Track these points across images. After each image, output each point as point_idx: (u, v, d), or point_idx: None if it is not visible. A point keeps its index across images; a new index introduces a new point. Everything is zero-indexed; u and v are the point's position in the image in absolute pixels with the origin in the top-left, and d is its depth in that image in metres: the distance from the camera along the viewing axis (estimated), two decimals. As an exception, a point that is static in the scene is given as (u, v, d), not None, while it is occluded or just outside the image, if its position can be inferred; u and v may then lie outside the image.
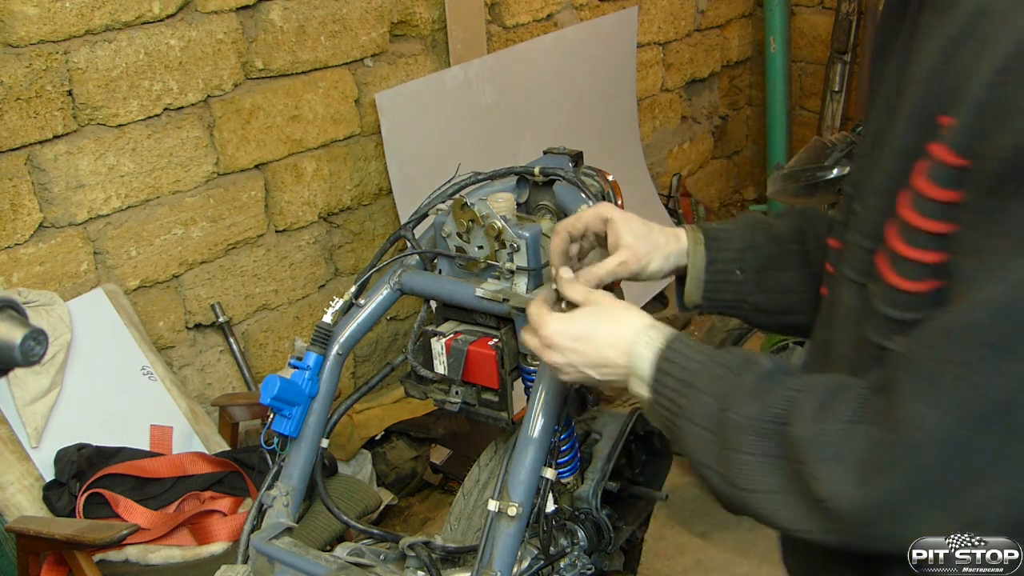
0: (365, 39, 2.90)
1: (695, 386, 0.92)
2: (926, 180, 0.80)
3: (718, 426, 0.88)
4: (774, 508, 0.84)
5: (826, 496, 0.79)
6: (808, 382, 0.86)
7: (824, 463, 0.79)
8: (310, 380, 1.50)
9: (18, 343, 0.80)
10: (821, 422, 0.80)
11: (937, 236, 0.80)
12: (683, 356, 0.95)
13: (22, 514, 2.06)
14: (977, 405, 0.73)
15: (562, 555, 1.53)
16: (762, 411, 0.85)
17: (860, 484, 0.77)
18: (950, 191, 0.78)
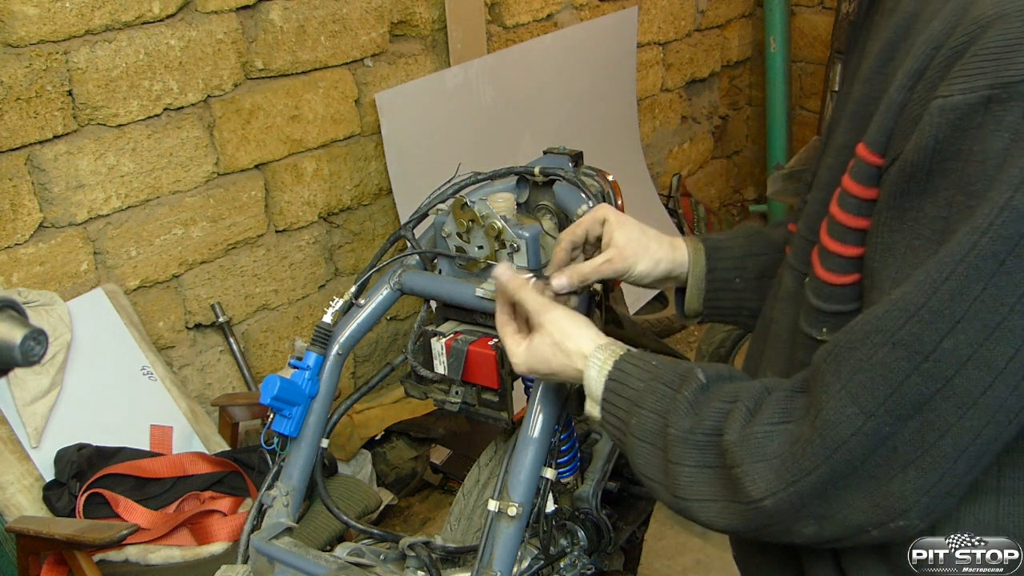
0: (365, 39, 2.90)
1: (640, 405, 0.95)
2: (849, 177, 0.84)
3: (662, 441, 0.91)
4: (714, 515, 0.88)
5: (755, 496, 0.82)
6: (738, 391, 0.89)
7: (751, 465, 0.82)
8: (310, 380, 1.50)
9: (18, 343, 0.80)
10: (749, 427, 0.84)
11: (859, 231, 0.83)
12: (629, 376, 0.98)
13: (22, 514, 2.06)
14: (896, 403, 0.75)
15: (562, 555, 1.53)
16: (696, 424, 0.88)
17: (785, 482, 0.80)
18: (869, 188, 0.82)
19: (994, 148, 0.71)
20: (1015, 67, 0.70)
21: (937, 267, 0.73)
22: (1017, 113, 0.70)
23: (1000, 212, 0.70)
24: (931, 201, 0.76)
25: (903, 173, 0.77)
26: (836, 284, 0.87)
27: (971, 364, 0.73)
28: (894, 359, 0.75)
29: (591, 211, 1.24)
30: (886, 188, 0.79)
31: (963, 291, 0.72)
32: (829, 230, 0.87)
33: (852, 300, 0.86)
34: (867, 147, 0.82)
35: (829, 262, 0.87)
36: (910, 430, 0.76)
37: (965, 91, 0.72)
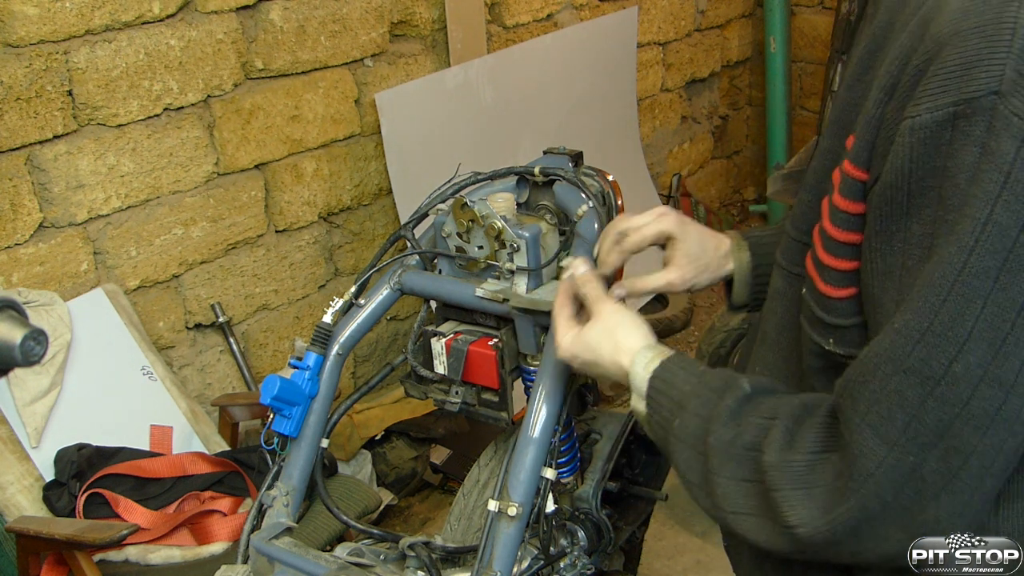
0: (365, 39, 2.90)
1: (685, 407, 0.96)
2: (838, 194, 0.85)
3: (703, 448, 0.92)
4: (750, 528, 0.88)
5: (793, 524, 0.82)
6: (778, 407, 0.89)
7: (791, 492, 0.82)
8: (310, 380, 1.50)
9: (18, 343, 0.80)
10: (789, 452, 0.84)
11: (852, 245, 0.85)
12: (675, 377, 0.99)
13: (22, 514, 2.06)
14: (918, 433, 0.75)
15: (562, 555, 1.53)
16: (737, 437, 0.89)
17: (823, 513, 0.80)
18: (857, 203, 0.83)
19: (966, 163, 0.72)
20: (975, 83, 0.72)
21: (933, 289, 0.74)
22: (983, 127, 0.71)
23: (983, 228, 0.71)
24: (916, 220, 0.77)
25: (885, 195, 0.79)
26: (837, 298, 0.88)
27: (984, 383, 0.73)
28: (907, 387, 0.75)
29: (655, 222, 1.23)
30: (872, 210, 0.81)
31: (963, 311, 0.73)
32: (824, 246, 0.88)
33: (854, 314, 0.87)
34: (851, 163, 0.83)
35: (827, 276, 0.88)
36: (935, 458, 0.76)
37: (931, 109, 0.74)
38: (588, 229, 1.45)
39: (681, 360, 1.01)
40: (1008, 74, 0.71)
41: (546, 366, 1.38)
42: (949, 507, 0.77)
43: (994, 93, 0.71)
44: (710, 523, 2.84)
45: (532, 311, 1.40)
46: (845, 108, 0.91)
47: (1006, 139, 0.71)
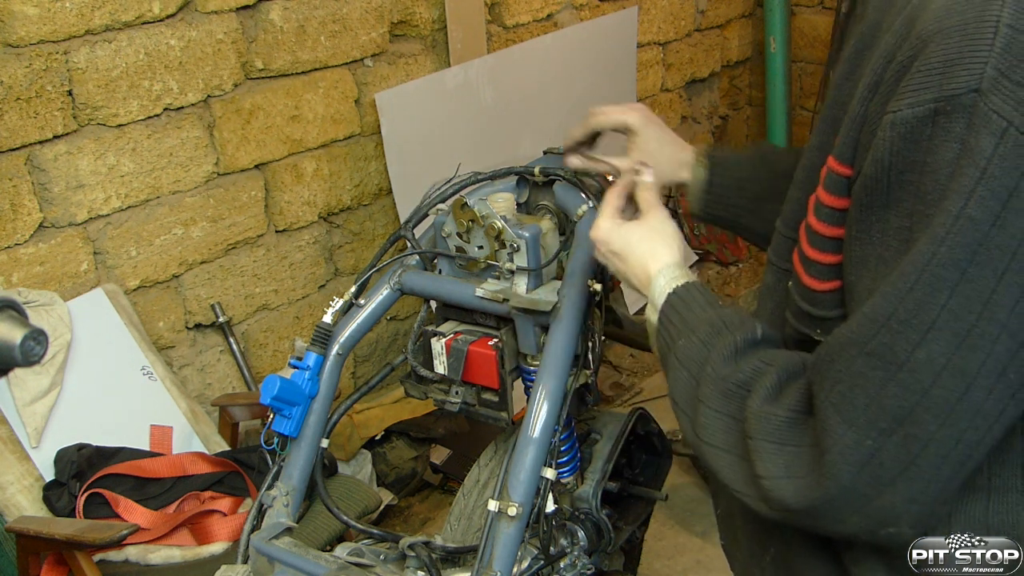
0: (365, 39, 2.90)
1: (695, 330, 0.97)
2: (823, 189, 0.87)
3: (698, 374, 0.94)
4: (723, 465, 0.90)
5: (760, 474, 0.84)
6: (776, 357, 0.91)
7: (766, 444, 0.84)
8: (310, 380, 1.50)
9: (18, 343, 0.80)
10: (773, 404, 0.86)
11: (836, 239, 0.86)
12: (695, 301, 1.01)
13: (22, 514, 2.06)
14: (877, 417, 0.77)
15: (562, 555, 1.53)
16: (732, 373, 0.90)
17: (790, 476, 0.82)
18: (841, 199, 0.85)
19: (945, 158, 0.74)
20: (957, 80, 0.73)
21: (901, 277, 0.75)
22: (962, 124, 0.73)
23: (955, 221, 0.72)
24: (894, 213, 0.78)
25: (865, 187, 0.80)
26: (821, 291, 0.89)
27: (946, 372, 0.74)
28: (869, 369, 0.77)
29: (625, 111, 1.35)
30: (853, 201, 0.82)
31: (929, 300, 0.74)
32: (809, 240, 0.90)
33: (838, 306, 0.89)
34: (836, 159, 0.85)
35: (812, 270, 0.90)
36: (893, 444, 0.77)
37: (912, 105, 0.75)
38: (588, 229, 1.45)
39: (704, 290, 1.03)
40: (989, 72, 0.72)
41: (546, 366, 1.38)
42: (905, 494, 0.78)
43: (974, 91, 0.72)
44: (710, 523, 2.84)
45: (532, 311, 1.40)
46: (833, 106, 0.92)
47: (985, 136, 0.72)
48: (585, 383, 1.46)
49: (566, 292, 1.40)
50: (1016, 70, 0.71)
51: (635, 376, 3.62)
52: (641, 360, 3.67)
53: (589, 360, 1.43)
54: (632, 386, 3.55)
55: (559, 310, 1.38)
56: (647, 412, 1.75)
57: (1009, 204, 0.71)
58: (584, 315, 1.40)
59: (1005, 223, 0.72)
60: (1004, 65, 0.72)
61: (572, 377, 1.40)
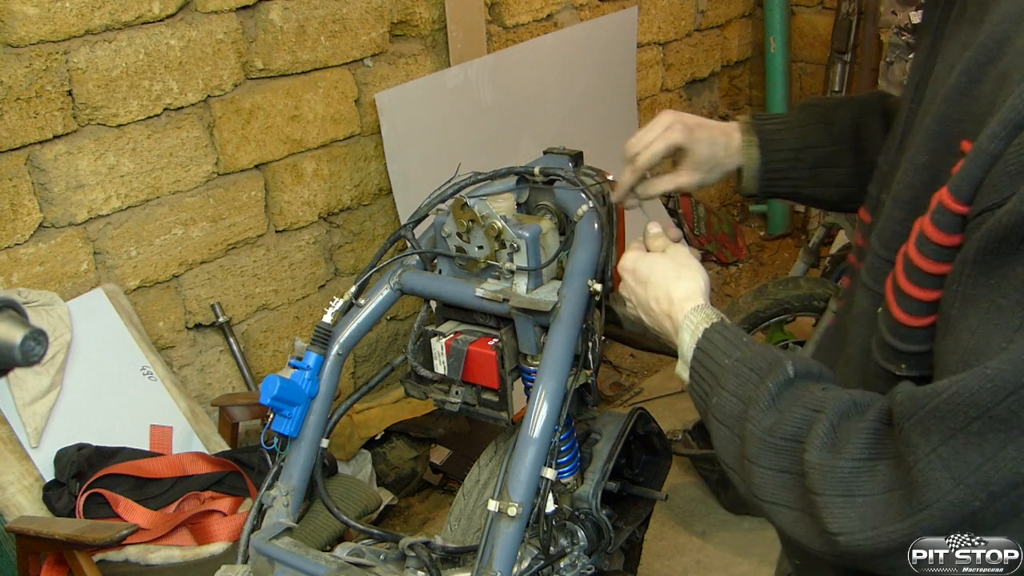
0: (365, 39, 2.90)
1: (723, 385, 0.94)
2: (931, 223, 0.82)
3: (740, 432, 0.90)
4: (786, 521, 0.87)
5: (834, 531, 0.81)
6: (824, 400, 0.87)
7: (833, 499, 0.81)
8: (310, 380, 1.50)
9: (18, 343, 0.80)
10: (834, 455, 0.82)
11: (938, 276, 0.82)
12: (717, 351, 0.97)
13: (22, 514, 2.06)
14: (988, 479, 0.74)
15: (562, 555, 1.53)
16: (776, 425, 0.87)
17: (868, 528, 0.79)
18: (952, 236, 0.80)
19: None
20: None
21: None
22: None
23: None
24: (1022, 265, 0.74)
25: (994, 232, 0.75)
26: (914, 327, 0.86)
27: None
28: (990, 431, 0.74)
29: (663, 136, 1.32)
30: (973, 240, 0.78)
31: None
32: (907, 273, 0.85)
33: (927, 340, 0.85)
34: (952, 195, 0.80)
35: (906, 304, 0.86)
36: (1001, 504, 0.75)
37: None
38: (588, 229, 1.45)
39: (724, 330, 1.00)
40: None
41: (546, 366, 1.38)
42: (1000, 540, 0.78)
43: None
44: (710, 523, 2.84)
45: (532, 311, 1.40)
46: (947, 123, 0.86)
47: None
48: (585, 383, 1.46)
49: (566, 292, 1.40)
50: None
51: (635, 376, 3.62)
52: (641, 360, 3.67)
53: (589, 360, 1.43)
54: (632, 386, 3.55)
55: (559, 310, 1.38)
56: (647, 412, 1.75)
57: None
58: (584, 315, 1.40)
59: None
60: None
61: (572, 377, 1.40)
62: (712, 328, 1.00)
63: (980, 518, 0.76)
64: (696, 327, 1.01)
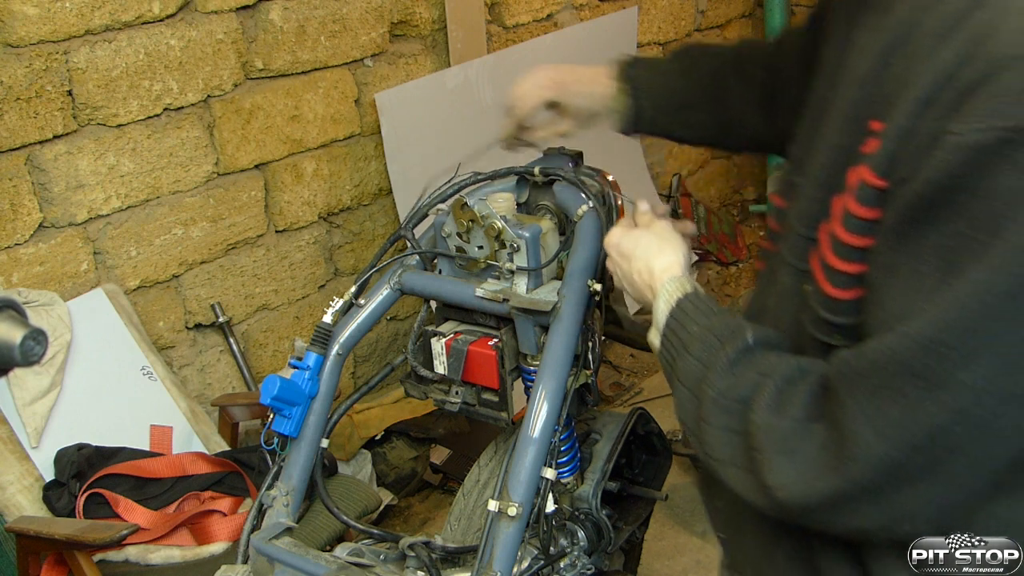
0: (365, 39, 2.90)
1: (689, 351, 0.99)
2: (854, 200, 0.86)
3: (698, 393, 0.95)
4: (732, 477, 0.92)
5: (772, 485, 0.86)
6: (772, 366, 0.92)
7: (773, 456, 0.86)
8: (310, 380, 1.50)
9: (18, 343, 0.80)
10: (776, 415, 0.87)
11: (863, 249, 0.86)
12: (687, 319, 1.02)
13: (22, 514, 2.06)
14: (910, 432, 0.78)
15: (562, 555, 1.53)
16: (730, 388, 0.92)
17: (802, 482, 0.84)
18: (873, 210, 0.84)
19: (1005, 187, 0.73)
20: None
21: (953, 305, 0.75)
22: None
23: (1016, 254, 0.72)
24: (936, 230, 0.77)
25: (911, 202, 0.79)
26: (844, 299, 0.89)
27: (987, 394, 0.75)
28: (909, 387, 0.77)
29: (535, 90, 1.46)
30: (891, 211, 0.81)
31: (980, 327, 0.74)
32: (834, 250, 0.89)
33: (859, 312, 0.88)
34: (872, 171, 0.83)
35: (835, 278, 0.89)
36: (923, 456, 0.78)
37: (979, 130, 0.73)
38: (588, 229, 1.45)
39: (699, 299, 1.04)
40: None
41: (546, 366, 1.38)
42: (927, 497, 0.80)
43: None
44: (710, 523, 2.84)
45: (532, 311, 1.40)
46: (860, 105, 0.90)
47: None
48: (585, 383, 1.46)
49: (566, 292, 1.40)
50: None
51: (635, 376, 3.62)
52: (641, 360, 3.67)
53: (589, 360, 1.44)
54: (632, 386, 3.55)
55: (559, 310, 1.38)
56: (647, 412, 1.75)
57: None
58: (584, 315, 1.41)
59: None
60: None
61: (572, 377, 1.40)
62: (685, 297, 1.05)
63: (904, 471, 0.79)
64: (671, 296, 1.06)
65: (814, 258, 0.93)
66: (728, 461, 0.92)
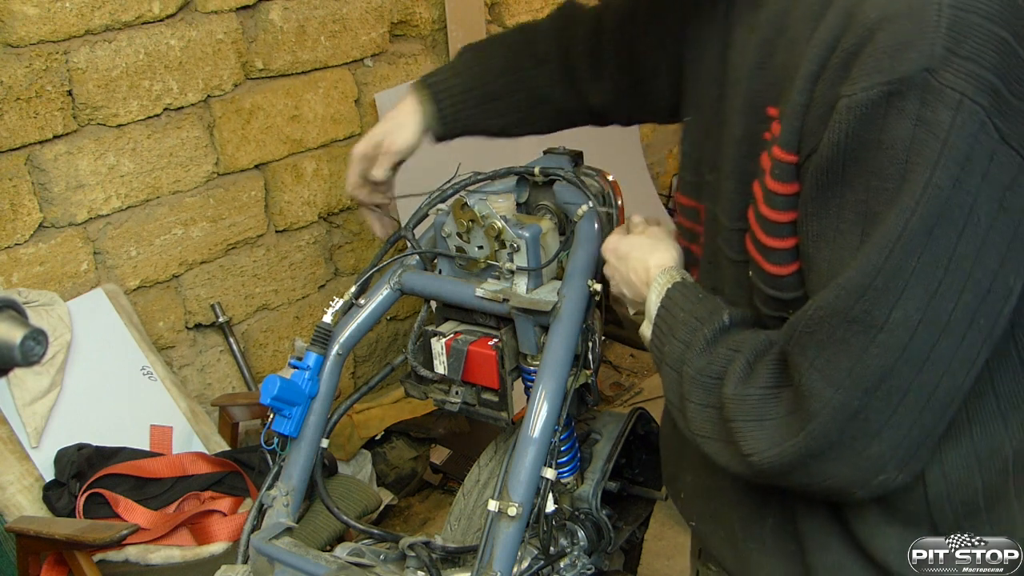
0: (365, 39, 2.90)
1: (674, 335, 1.04)
2: (771, 178, 0.91)
3: (681, 372, 1.00)
4: (714, 451, 0.97)
5: (747, 453, 0.90)
6: (743, 341, 0.96)
7: (744, 424, 0.91)
8: (310, 380, 1.50)
9: (18, 343, 0.79)
10: (745, 386, 0.92)
11: (791, 224, 0.91)
12: (675, 306, 1.07)
13: (22, 514, 2.06)
14: (860, 377, 0.83)
15: (562, 555, 1.53)
16: (706, 366, 0.97)
17: (774, 445, 0.88)
18: (791, 184, 0.90)
19: (900, 135, 0.79)
20: (907, 63, 0.78)
21: (876, 249, 0.81)
22: (916, 102, 0.78)
23: (924, 191, 0.78)
24: (850, 188, 0.83)
25: (820, 168, 0.85)
26: (785, 275, 0.94)
27: (921, 327, 0.81)
28: (852, 335, 0.83)
29: (387, 159, 1.57)
30: (807, 182, 0.87)
31: (902, 266, 0.80)
32: (764, 229, 0.94)
33: (792, 288, 0.95)
34: (782, 148, 0.89)
35: (773, 256, 0.94)
36: (878, 399, 0.83)
37: (866, 88, 0.80)
38: (588, 229, 1.45)
39: (687, 287, 1.09)
40: (938, 51, 0.77)
41: (546, 366, 1.38)
42: (891, 442, 0.84)
43: (926, 70, 0.77)
44: (710, 523, 2.83)
45: (532, 311, 1.40)
46: (752, 96, 0.98)
47: (942, 110, 0.77)
48: (585, 383, 1.46)
49: (566, 292, 1.40)
50: (962, 46, 0.77)
51: (635, 376, 3.62)
52: (641, 360, 3.67)
53: (589, 360, 1.43)
54: (632, 386, 3.55)
55: (559, 310, 1.38)
56: (647, 412, 1.75)
57: (966, 166, 0.77)
58: (584, 315, 1.40)
59: (962, 184, 0.78)
60: (951, 43, 0.77)
61: (572, 377, 1.40)
62: (674, 287, 1.09)
63: (864, 418, 0.84)
64: (662, 287, 1.10)
65: (749, 243, 0.98)
66: (709, 436, 0.96)
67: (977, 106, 0.76)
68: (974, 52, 0.77)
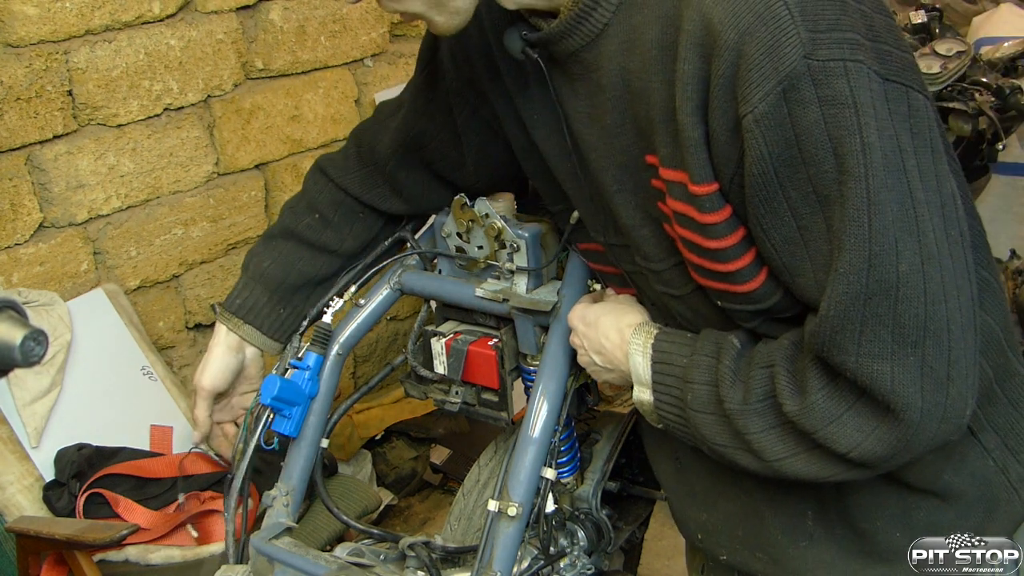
0: (365, 39, 2.90)
1: (691, 380, 1.01)
2: (700, 212, 0.94)
3: (722, 414, 0.98)
4: (800, 466, 0.95)
5: (845, 452, 0.91)
6: (770, 353, 0.97)
7: (828, 428, 0.91)
8: (310, 380, 1.50)
9: (18, 343, 0.79)
10: (804, 396, 0.92)
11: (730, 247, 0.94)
12: (671, 355, 1.05)
13: (22, 514, 2.06)
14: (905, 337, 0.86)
15: (562, 555, 1.53)
16: (747, 394, 0.96)
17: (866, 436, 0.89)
18: (722, 211, 0.93)
19: (812, 120, 0.84)
20: (785, 59, 0.83)
21: (855, 224, 0.84)
22: (810, 87, 0.83)
23: (864, 153, 0.83)
24: (792, 188, 0.87)
25: (756, 185, 0.88)
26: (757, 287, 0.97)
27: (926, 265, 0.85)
28: (877, 308, 0.86)
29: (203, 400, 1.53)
30: (749, 199, 0.90)
31: (884, 224, 0.84)
32: (718, 258, 0.96)
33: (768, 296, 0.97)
34: (697, 184, 0.92)
35: (738, 277, 0.97)
36: (930, 347, 0.86)
37: (763, 98, 0.84)
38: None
39: (667, 336, 1.09)
40: (804, 36, 0.82)
41: (546, 366, 1.38)
42: (960, 376, 0.87)
43: (804, 56, 0.82)
44: (710, 523, 2.83)
45: (532, 311, 1.40)
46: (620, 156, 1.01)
47: (835, 81, 0.82)
48: (585, 383, 1.46)
49: (566, 292, 1.40)
50: (819, 23, 0.83)
51: (635, 376, 3.62)
52: (641, 360, 3.67)
53: (589, 360, 1.43)
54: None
55: (559, 310, 1.38)
56: (647, 412, 1.75)
57: (879, 115, 0.83)
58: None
59: (884, 130, 0.83)
60: (810, 25, 0.82)
61: (572, 377, 1.40)
62: (657, 340, 1.08)
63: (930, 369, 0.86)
64: (644, 346, 1.09)
65: (703, 279, 1.00)
66: (787, 454, 0.95)
67: (857, 63, 0.83)
68: (831, 24, 0.83)
